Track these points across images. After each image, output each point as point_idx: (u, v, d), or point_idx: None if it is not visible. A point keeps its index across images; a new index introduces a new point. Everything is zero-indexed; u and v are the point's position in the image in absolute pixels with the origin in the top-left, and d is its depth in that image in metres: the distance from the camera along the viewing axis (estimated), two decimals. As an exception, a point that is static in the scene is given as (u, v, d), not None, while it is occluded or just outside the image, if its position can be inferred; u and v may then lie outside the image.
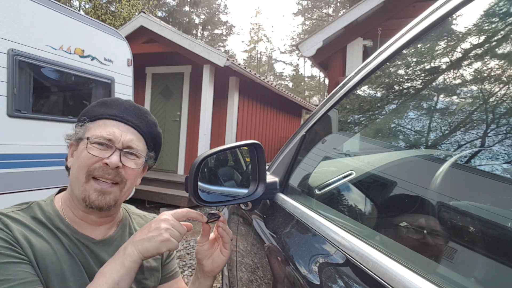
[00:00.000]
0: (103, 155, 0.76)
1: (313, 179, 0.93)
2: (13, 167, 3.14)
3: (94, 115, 0.83)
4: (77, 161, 0.78)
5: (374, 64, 0.72)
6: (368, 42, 5.48)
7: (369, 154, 0.78)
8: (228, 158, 1.02)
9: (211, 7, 31.98)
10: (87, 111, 0.85)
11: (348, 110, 0.92)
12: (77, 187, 0.77)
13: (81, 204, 0.78)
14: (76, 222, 0.80)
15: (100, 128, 0.79)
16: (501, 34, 0.45)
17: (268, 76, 36.54)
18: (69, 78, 3.78)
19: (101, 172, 0.76)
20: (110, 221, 0.86)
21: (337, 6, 30.65)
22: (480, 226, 0.40)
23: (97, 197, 0.76)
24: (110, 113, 0.82)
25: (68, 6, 9.79)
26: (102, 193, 0.76)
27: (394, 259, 0.44)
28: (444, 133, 0.51)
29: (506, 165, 0.39)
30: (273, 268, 0.81)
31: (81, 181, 0.76)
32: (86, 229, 0.81)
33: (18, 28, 3.16)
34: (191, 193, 0.82)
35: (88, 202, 0.76)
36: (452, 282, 0.37)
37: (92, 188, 0.76)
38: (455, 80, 0.52)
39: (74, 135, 0.83)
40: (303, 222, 0.74)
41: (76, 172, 0.77)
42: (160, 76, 7.66)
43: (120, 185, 0.79)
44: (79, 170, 0.77)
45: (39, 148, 3.38)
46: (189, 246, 3.99)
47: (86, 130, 0.81)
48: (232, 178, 1.02)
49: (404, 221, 0.51)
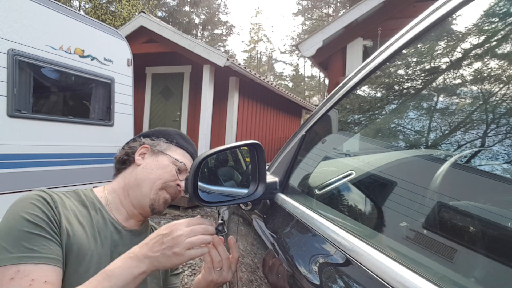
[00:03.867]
0: (180, 178, 0.96)
1: (313, 179, 0.93)
2: (13, 167, 3.14)
3: (179, 143, 1.02)
4: (158, 170, 0.94)
5: (374, 64, 0.72)
6: (368, 42, 5.48)
7: (369, 154, 0.78)
8: (228, 158, 1.02)
9: (211, 7, 31.99)
10: (168, 134, 1.03)
11: (348, 110, 0.92)
12: (150, 188, 0.92)
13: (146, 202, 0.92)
14: (116, 209, 0.93)
15: (183, 158, 0.99)
16: (501, 34, 0.45)
17: (268, 76, 36.54)
18: (69, 78, 3.78)
19: (172, 189, 0.94)
20: (143, 218, 0.98)
21: (337, 6, 30.65)
22: (480, 226, 0.40)
23: (162, 205, 0.93)
24: (190, 149, 1.04)
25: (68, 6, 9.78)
26: (165, 203, 0.94)
27: (394, 259, 0.44)
28: (444, 133, 0.51)
29: (506, 165, 0.39)
30: (273, 268, 0.81)
31: (157, 186, 0.92)
32: (121, 217, 0.93)
33: (18, 28, 3.16)
34: (191, 193, 0.82)
35: (155, 205, 0.92)
36: (452, 282, 0.37)
37: (162, 196, 0.93)
38: (455, 80, 0.52)
39: (155, 144, 0.99)
40: (303, 222, 0.74)
41: (155, 177, 0.93)
42: (160, 76, 7.66)
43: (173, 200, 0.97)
44: (159, 178, 0.93)
45: (39, 148, 3.38)
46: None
47: (169, 149, 0.99)
48: (232, 178, 1.02)
49: (404, 221, 0.51)
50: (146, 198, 0.91)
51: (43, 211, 0.76)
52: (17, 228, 0.72)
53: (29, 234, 0.72)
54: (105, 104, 4.19)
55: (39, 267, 0.70)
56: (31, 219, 0.73)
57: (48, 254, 0.72)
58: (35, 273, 0.69)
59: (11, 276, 0.67)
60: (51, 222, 0.76)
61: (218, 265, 0.80)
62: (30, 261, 0.69)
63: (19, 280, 0.67)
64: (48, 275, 0.70)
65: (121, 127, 4.41)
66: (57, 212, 0.78)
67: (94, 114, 4.09)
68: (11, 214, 0.75)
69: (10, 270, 0.68)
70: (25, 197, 0.78)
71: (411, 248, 0.46)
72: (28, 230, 0.72)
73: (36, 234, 0.72)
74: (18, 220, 0.73)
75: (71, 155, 3.72)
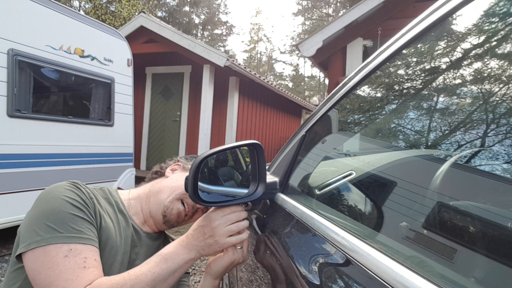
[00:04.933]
0: None
1: (313, 179, 0.93)
2: (13, 167, 3.14)
3: None
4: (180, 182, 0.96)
5: (374, 64, 0.72)
6: (368, 42, 5.48)
7: (369, 154, 0.78)
8: (228, 158, 1.02)
9: (211, 7, 31.99)
10: None
11: (348, 110, 0.92)
12: (168, 196, 0.95)
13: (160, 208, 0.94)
14: (135, 214, 0.96)
15: None
16: (501, 34, 0.45)
17: (268, 76, 36.55)
18: (69, 78, 3.78)
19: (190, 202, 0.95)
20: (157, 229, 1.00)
21: (337, 6, 30.66)
22: (480, 226, 0.40)
23: (174, 215, 0.94)
24: None
25: (68, 6, 9.78)
26: (178, 215, 0.95)
27: (394, 259, 0.44)
28: (444, 133, 0.51)
29: (506, 165, 0.39)
30: (273, 268, 0.81)
31: (175, 196, 0.95)
32: (138, 221, 0.96)
33: (18, 28, 3.16)
34: (191, 193, 0.82)
35: (167, 212, 0.94)
36: (452, 282, 0.37)
37: (177, 206, 0.95)
38: (455, 80, 0.52)
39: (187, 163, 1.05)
40: (303, 222, 0.74)
41: (177, 186, 0.96)
42: (160, 76, 7.66)
43: (186, 218, 0.98)
44: (180, 188, 0.95)
45: (39, 148, 3.38)
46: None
47: None
48: (232, 178, 1.02)
49: (404, 221, 0.51)
50: (161, 205, 0.94)
51: (81, 197, 0.82)
52: (62, 210, 0.77)
53: (75, 217, 0.77)
54: (105, 104, 4.19)
55: (87, 247, 0.75)
56: (74, 203, 0.79)
57: (92, 236, 0.78)
58: (85, 252, 0.74)
59: (65, 254, 0.72)
60: (89, 208, 0.82)
61: (240, 244, 0.83)
62: (79, 241, 0.75)
63: (73, 257, 0.72)
64: (96, 255, 0.77)
65: (121, 127, 4.41)
66: (91, 201, 0.84)
67: (94, 114, 4.09)
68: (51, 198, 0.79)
69: (63, 248, 0.73)
70: (59, 185, 0.83)
71: (411, 248, 0.46)
72: (73, 213, 0.77)
73: (81, 217, 0.78)
74: (62, 203, 0.77)
75: (71, 155, 3.72)
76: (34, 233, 0.74)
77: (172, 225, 0.96)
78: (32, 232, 0.74)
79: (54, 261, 0.71)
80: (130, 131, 4.59)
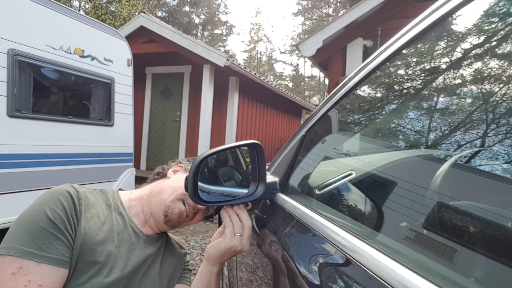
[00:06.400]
0: None
1: (313, 179, 0.93)
2: (13, 167, 3.14)
3: None
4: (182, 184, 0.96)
5: (374, 64, 0.72)
6: (368, 42, 5.48)
7: (369, 154, 0.78)
8: (228, 158, 1.02)
9: (211, 7, 31.98)
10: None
11: (348, 110, 0.92)
12: (169, 196, 0.94)
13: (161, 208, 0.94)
14: (136, 215, 0.96)
15: None
16: (501, 34, 0.45)
17: (268, 76, 36.54)
18: (69, 78, 3.78)
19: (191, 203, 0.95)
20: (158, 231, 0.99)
21: (337, 6, 30.65)
22: (480, 226, 0.40)
23: (176, 215, 0.94)
24: None
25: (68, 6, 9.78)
26: (179, 215, 0.94)
27: (394, 259, 0.44)
28: (444, 133, 0.51)
29: (506, 165, 0.39)
30: (273, 268, 0.81)
31: (176, 196, 0.95)
32: (139, 223, 0.96)
33: (18, 28, 3.16)
34: (191, 193, 0.82)
35: (168, 212, 0.93)
36: (452, 282, 0.37)
37: (178, 206, 0.94)
38: (455, 80, 0.52)
39: (189, 164, 1.05)
40: (303, 222, 0.74)
41: (178, 187, 0.96)
42: (160, 76, 7.66)
43: (187, 219, 0.97)
44: (180, 189, 0.95)
45: (39, 148, 3.38)
46: (189, 246, 3.98)
47: None
48: (232, 178, 1.02)
49: (404, 221, 0.51)
50: (162, 204, 0.94)
51: (65, 208, 0.80)
52: (35, 221, 0.75)
53: (42, 230, 0.75)
54: (105, 104, 4.19)
55: (39, 266, 0.72)
56: (50, 215, 0.77)
57: (52, 254, 0.74)
58: (33, 274, 0.72)
59: (13, 271, 0.71)
60: (69, 220, 0.79)
61: (239, 231, 0.83)
62: (33, 258, 0.72)
63: (19, 277, 0.70)
64: (44, 277, 0.73)
65: (121, 127, 4.41)
66: (79, 210, 0.83)
67: (94, 114, 4.09)
68: (37, 204, 0.79)
69: (15, 263, 0.71)
70: (54, 191, 0.82)
71: (411, 248, 0.46)
72: (43, 226, 0.75)
73: (48, 232, 0.75)
74: (39, 213, 0.76)
75: (71, 155, 3.72)
76: (5, 238, 0.74)
77: (174, 225, 0.96)
78: (7, 235, 0.75)
79: (1, 275, 0.70)
80: (130, 131, 4.59)
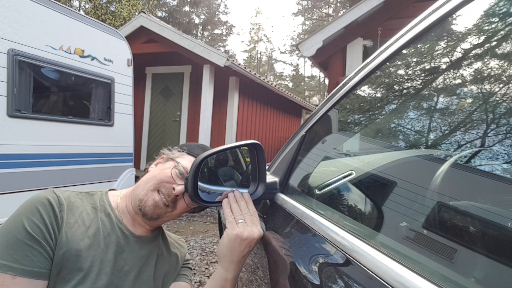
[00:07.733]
0: (176, 181, 0.90)
1: (313, 179, 0.93)
2: (13, 167, 3.14)
3: (192, 151, 1.01)
4: (157, 171, 0.93)
5: (374, 64, 0.72)
6: (368, 42, 5.48)
7: (369, 154, 0.78)
8: (228, 158, 1.02)
9: (211, 7, 31.98)
10: (189, 146, 1.04)
11: (348, 110, 0.92)
12: (143, 189, 0.90)
13: (136, 203, 0.90)
14: (124, 214, 0.93)
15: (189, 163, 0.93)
16: (501, 34, 0.45)
17: (268, 76, 36.54)
18: (69, 78, 3.78)
19: (165, 190, 0.90)
20: (149, 227, 0.95)
21: (337, 6, 30.65)
22: (480, 226, 0.40)
23: (150, 207, 0.88)
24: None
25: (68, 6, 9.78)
26: (155, 206, 0.89)
27: (394, 259, 0.44)
28: (444, 133, 0.51)
29: (506, 165, 0.39)
30: (273, 268, 0.81)
31: (149, 187, 0.90)
32: (129, 223, 0.92)
33: (18, 28, 3.16)
34: (191, 193, 0.82)
35: (141, 206, 0.89)
36: (452, 282, 0.37)
37: (152, 197, 0.89)
38: (455, 80, 0.52)
39: (170, 154, 1.00)
40: (303, 222, 0.74)
41: (150, 178, 0.92)
42: (160, 76, 7.66)
43: (169, 209, 0.91)
44: (153, 178, 0.91)
45: (39, 148, 3.38)
46: (189, 246, 3.98)
47: (180, 156, 0.98)
48: (232, 178, 1.02)
49: (404, 221, 0.51)
50: (136, 199, 0.90)
51: (43, 217, 0.77)
52: (11, 232, 0.74)
53: (18, 242, 0.73)
54: (105, 104, 4.19)
55: (15, 280, 0.71)
56: (27, 226, 0.74)
57: (27, 266, 0.72)
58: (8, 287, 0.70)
59: None
60: (48, 230, 0.77)
61: (240, 217, 0.81)
62: (7, 271, 0.70)
63: None
64: None
65: (121, 127, 4.41)
66: (60, 217, 0.80)
67: (94, 114, 4.09)
68: (16, 215, 0.77)
69: None
70: (33, 199, 0.80)
71: (411, 248, 0.46)
72: (19, 237, 0.73)
73: (24, 243, 0.73)
74: (16, 224, 0.75)
75: (71, 155, 3.72)
76: None
77: (153, 218, 0.89)
78: None
79: None
80: (130, 131, 4.59)
